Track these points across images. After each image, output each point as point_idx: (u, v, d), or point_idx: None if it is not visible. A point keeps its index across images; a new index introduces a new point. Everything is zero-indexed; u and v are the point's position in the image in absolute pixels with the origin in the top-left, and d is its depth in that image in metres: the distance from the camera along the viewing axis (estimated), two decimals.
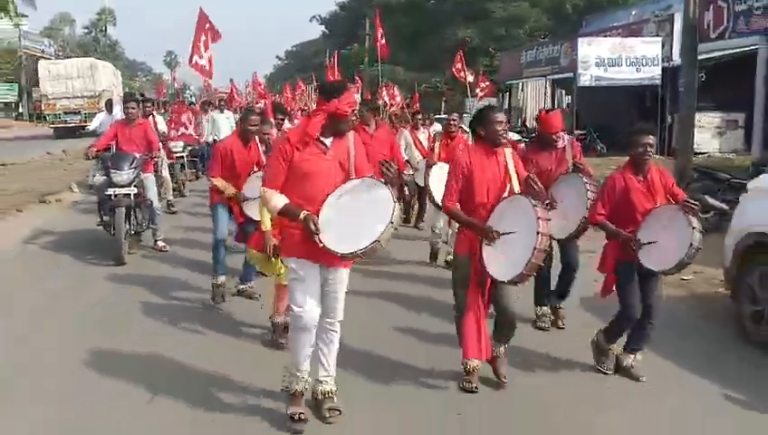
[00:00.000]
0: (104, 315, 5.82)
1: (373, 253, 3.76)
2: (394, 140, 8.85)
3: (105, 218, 8.00)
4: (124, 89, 27.54)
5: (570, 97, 27.62)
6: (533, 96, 30.39)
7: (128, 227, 7.87)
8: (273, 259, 4.82)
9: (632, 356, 4.71)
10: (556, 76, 23.67)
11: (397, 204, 3.77)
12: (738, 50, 15.92)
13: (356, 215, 3.78)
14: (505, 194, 4.40)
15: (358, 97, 8.18)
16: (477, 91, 16.83)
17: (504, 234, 4.13)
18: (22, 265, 7.62)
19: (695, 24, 12.75)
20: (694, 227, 4.38)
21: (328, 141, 3.84)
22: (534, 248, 3.99)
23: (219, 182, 6.01)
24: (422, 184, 8.89)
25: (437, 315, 5.69)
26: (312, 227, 3.65)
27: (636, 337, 4.70)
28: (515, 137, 18.50)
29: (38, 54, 52.44)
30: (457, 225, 4.80)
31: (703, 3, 12.60)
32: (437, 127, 10.73)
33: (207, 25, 9.96)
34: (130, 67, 75.21)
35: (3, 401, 4.14)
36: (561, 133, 5.69)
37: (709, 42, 13.03)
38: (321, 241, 3.70)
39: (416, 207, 10.27)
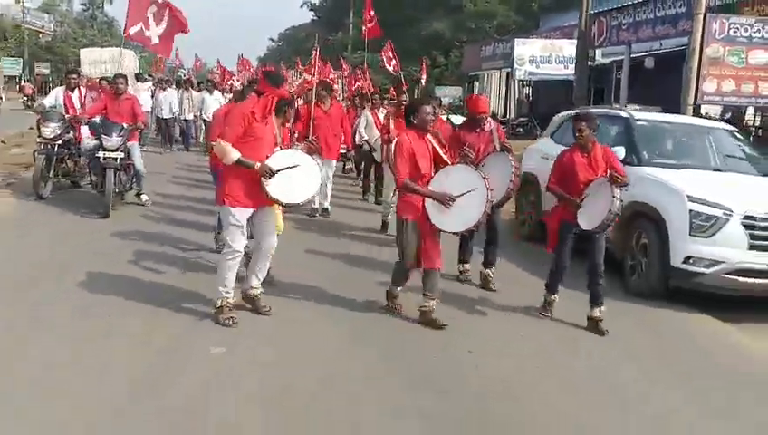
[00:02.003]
0: (97, 254, 6.88)
1: (307, 202, 5.37)
2: (345, 117, 10.25)
3: (94, 178, 9.28)
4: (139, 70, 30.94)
5: (527, 89, 31.57)
6: (496, 87, 34.18)
7: (116, 186, 8.89)
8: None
9: (597, 309, 5.66)
10: (507, 70, 27.44)
11: (320, 167, 5.42)
12: (653, 52, 19.72)
13: (294, 175, 5.08)
14: (432, 172, 5.45)
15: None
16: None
17: (459, 196, 5.18)
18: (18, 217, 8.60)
19: (585, 32, 16.71)
20: (614, 196, 5.38)
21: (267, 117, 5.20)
22: (487, 201, 5.16)
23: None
24: (380, 160, 10.15)
25: (378, 268, 6.88)
26: (269, 170, 4.97)
27: (594, 292, 5.69)
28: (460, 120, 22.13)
29: (39, 30, 55.90)
30: (398, 194, 5.87)
31: (591, 17, 16.53)
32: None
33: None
34: (126, 45, 78.28)
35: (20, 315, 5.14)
36: (489, 118, 6.71)
37: (594, 48, 16.86)
38: (269, 191, 4.98)
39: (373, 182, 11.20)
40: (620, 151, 7.33)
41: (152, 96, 17.79)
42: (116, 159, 8.75)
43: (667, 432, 4.18)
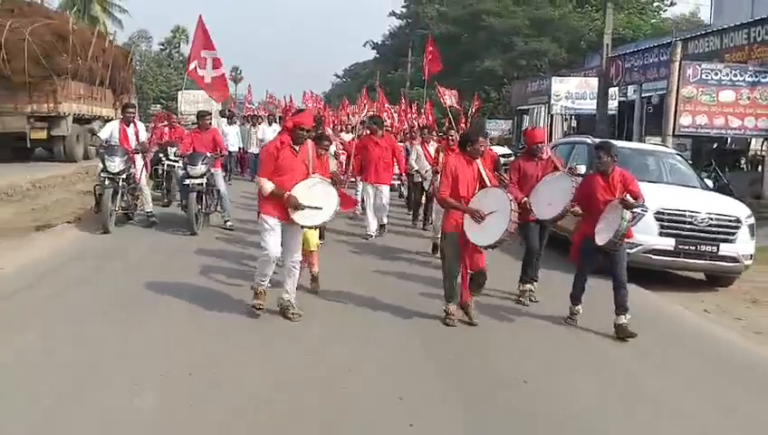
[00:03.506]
0: (183, 260, 8.39)
1: (322, 226, 6.65)
2: (396, 146, 11.38)
3: (183, 202, 10.54)
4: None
5: (576, 121, 34.15)
6: (544, 120, 36.80)
7: (199, 207, 10.05)
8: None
9: (622, 316, 6.35)
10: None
11: (339, 198, 6.17)
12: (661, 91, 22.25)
13: (316, 201, 5.94)
14: (476, 189, 6.21)
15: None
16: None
17: (488, 214, 5.95)
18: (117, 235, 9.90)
19: (605, 73, 19.47)
20: (622, 217, 6.15)
21: (297, 148, 6.02)
22: (510, 220, 5.88)
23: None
24: (429, 189, 10.84)
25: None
26: (294, 202, 5.86)
27: (617, 302, 6.39)
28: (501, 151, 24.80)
29: None
30: (443, 210, 6.57)
31: (609, 60, 19.30)
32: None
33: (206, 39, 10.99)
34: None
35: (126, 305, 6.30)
36: (545, 147, 7.48)
37: (612, 87, 19.59)
38: (292, 216, 5.90)
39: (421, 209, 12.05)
40: (582, 167, 10.06)
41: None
42: (200, 184, 10.06)
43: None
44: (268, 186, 5.95)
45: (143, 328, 5.84)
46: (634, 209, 6.56)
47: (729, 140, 18.49)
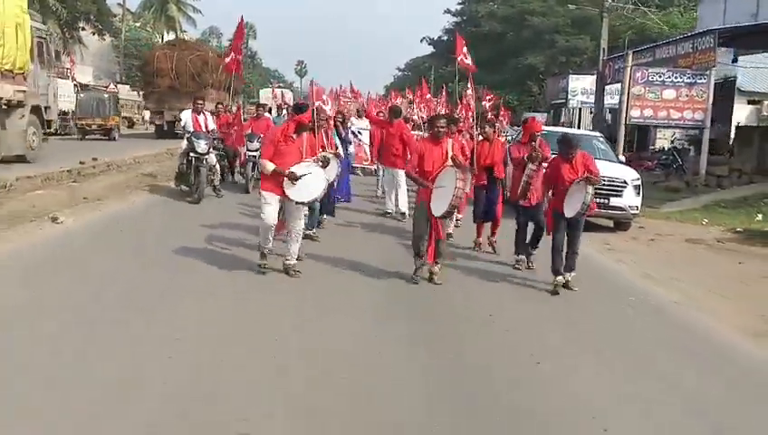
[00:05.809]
0: (232, 216, 10.95)
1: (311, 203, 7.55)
2: (404, 133, 12.22)
3: (241, 169, 14.44)
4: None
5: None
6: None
7: (252, 173, 13.46)
8: None
9: (568, 274, 7.62)
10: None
11: (327, 179, 7.47)
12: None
13: (307, 180, 7.04)
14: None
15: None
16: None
17: (438, 187, 7.11)
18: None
19: (601, 73, 23.58)
20: (587, 192, 7.24)
21: (295, 136, 7.19)
22: (454, 195, 6.88)
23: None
24: None
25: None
26: (293, 177, 6.95)
27: (569, 263, 7.64)
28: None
29: None
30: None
31: (605, 62, 23.42)
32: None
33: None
34: (265, 75, 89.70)
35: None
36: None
37: (607, 85, 23.68)
38: (287, 192, 7.01)
39: None
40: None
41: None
42: (255, 155, 13.10)
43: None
44: (270, 166, 7.12)
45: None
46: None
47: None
